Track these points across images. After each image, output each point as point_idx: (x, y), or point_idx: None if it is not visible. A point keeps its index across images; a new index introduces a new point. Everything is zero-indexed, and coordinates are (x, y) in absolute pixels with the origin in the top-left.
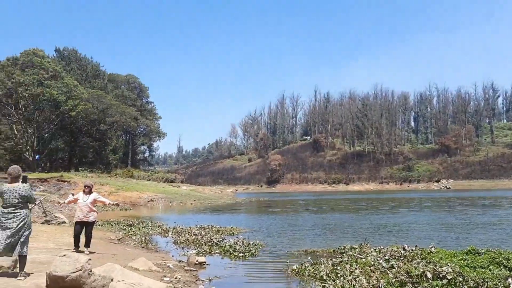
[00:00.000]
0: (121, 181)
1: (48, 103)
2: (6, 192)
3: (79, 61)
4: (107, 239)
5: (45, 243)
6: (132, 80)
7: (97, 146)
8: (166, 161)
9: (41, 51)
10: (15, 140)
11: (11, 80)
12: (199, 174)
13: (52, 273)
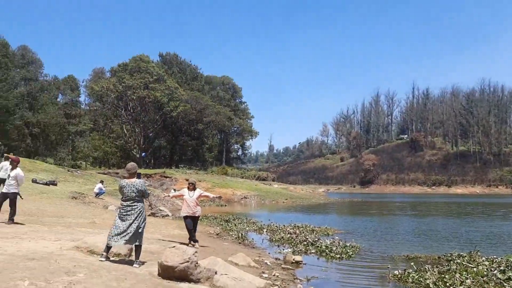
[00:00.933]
0: (216, 178)
1: (153, 104)
2: (125, 187)
3: (179, 64)
4: (206, 233)
5: (153, 234)
6: (226, 81)
7: (195, 144)
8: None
9: (147, 57)
10: (125, 138)
11: (122, 84)
12: (290, 173)
13: (163, 263)
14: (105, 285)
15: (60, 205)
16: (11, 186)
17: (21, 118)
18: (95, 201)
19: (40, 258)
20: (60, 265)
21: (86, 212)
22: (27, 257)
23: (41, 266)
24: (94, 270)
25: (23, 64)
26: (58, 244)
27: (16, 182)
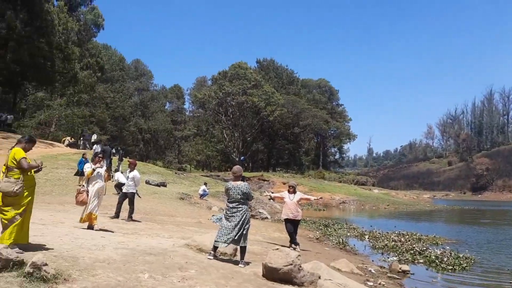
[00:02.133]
0: (313, 181)
1: (251, 109)
2: (231, 189)
3: (276, 70)
4: (306, 237)
5: (254, 235)
6: (323, 84)
7: (291, 148)
8: (356, 163)
9: (245, 64)
10: (225, 143)
11: (222, 91)
12: (391, 178)
13: (267, 264)
14: (214, 282)
15: (169, 205)
16: (129, 186)
17: (135, 125)
18: (200, 202)
19: (157, 253)
20: (174, 261)
21: (192, 212)
22: (145, 252)
23: (157, 260)
24: (204, 267)
25: (136, 76)
26: (171, 241)
27: (134, 183)
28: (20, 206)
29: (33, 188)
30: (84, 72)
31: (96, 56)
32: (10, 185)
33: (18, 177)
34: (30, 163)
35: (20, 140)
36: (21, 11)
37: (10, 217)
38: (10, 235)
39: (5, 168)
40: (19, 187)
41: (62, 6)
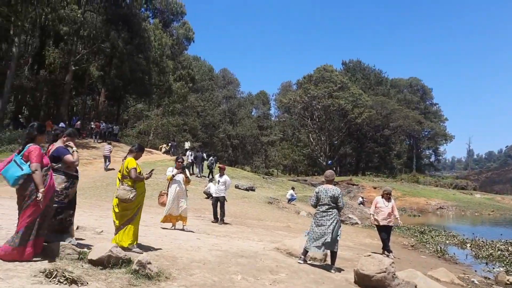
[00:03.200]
0: (406, 186)
1: (337, 112)
2: (321, 193)
3: (362, 70)
4: (399, 244)
5: (344, 241)
6: (414, 83)
7: (381, 151)
8: (454, 166)
9: (330, 66)
10: (311, 147)
11: (307, 95)
12: (496, 181)
13: (359, 271)
14: (305, 286)
15: (258, 209)
16: (221, 190)
17: (224, 131)
18: (288, 207)
19: (248, 256)
20: (265, 264)
21: (281, 217)
22: (238, 254)
23: (249, 263)
24: (294, 271)
25: (224, 85)
26: (261, 244)
27: (225, 187)
28: (132, 211)
29: (143, 194)
30: (177, 83)
31: (187, 68)
32: (126, 192)
33: (132, 185)
34: (137, 175)
35: (131, 150)
36: (122, 30)
37: (124, 221)
38: (129, 237)
39: (120, 175)
40: (134, 194)
41: (157, 23)
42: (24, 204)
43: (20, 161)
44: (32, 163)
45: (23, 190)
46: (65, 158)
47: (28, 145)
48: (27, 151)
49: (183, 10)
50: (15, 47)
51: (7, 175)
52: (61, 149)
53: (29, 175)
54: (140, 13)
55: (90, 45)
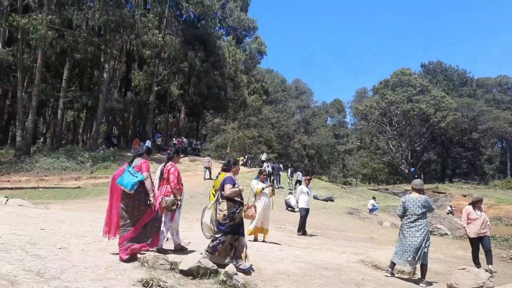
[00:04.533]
0: (501, 193)
1: (418, 117)
2: (408, 203)
3: (444, 72)
4: (496, 256)
5: (434, 253)
6: (504, 81)
7: (470, 156)
8: None
9: (408, 70)
10: (391, 154)
11: (385, 100)
12: None
13: (453, 285)
14: None
15: (339, 219)
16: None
17: (299, 141)
18: (370, 217)
19: (332, 268)
20: (350, 277)
21: (363, 227)
22: (321, 266)
23: (333, 275)
24: (381, 284)
25: (297, 95)
26: (344, 256)
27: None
28: None
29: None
30: (252, 96)
31: (261, 81)
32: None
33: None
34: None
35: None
36: (199, 50)
37: None
38: None
39: (214, 190)
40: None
41: (231, 40)
42: (136, 208)
43: (133, 171)
44: (144, 172)
45: (135, 194)
46: (225, 187)
47: (137, 159)
48: (139, 163)
49: (255, 25)
50: (105, 73)
51: (123, 183)
52: (229, 179)
53: (142, 182)
54: (214, 32)
55: (170, 66)
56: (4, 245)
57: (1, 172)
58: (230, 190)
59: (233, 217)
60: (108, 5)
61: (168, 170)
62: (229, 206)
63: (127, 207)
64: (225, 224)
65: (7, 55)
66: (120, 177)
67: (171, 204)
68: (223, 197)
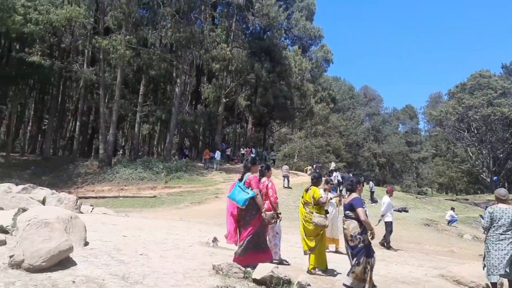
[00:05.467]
0: None
1: (500, 122)
2: (496, 213)
3: None
4: None
5: None
6: None
7: None
8: None
9: (487, 71)
10: (470, 162)
11: (462, 105)
12: None
13: None
14: None
15: (414, 231)
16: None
17: (368, 150)
18: (448, 229)
19: (409, 282)
20: None
21: (441, 240)
22: (397, 280)
23: None
24: None
25: (366, 102)
26: (422, 270)
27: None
28: (319, 236)
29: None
30: (319, 105)
31: (328, 89)
32: (323, 220)
33: (318, 211)
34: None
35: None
36: (265, 61)
37: (313, 246)
38: (312, 260)
39: (303, 201)
40: (328, 221)
41: (296, 49)
42: (246, 222)
43: (244, 187)
44: (254, 189)
45: (246, 210)
46: (358, 211)
47: (246, 174)
48: (248, 179)
49: (321, 33)
50: (177, 87)
51: (235, 198)
52: (358, 200)
53: (253, 198)
54: (280, 43)
55: (238, 78)
56: (93, 250)
57: (86, 182)
58: (364, 216)
59: (361, 238)
60: (179, 23)
61: (266, 186)
62: (353, 226)
63: (239, 217)
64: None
65: (91, 74)
66: (231, 192)
67: (270, 217)
68: (348, 216)
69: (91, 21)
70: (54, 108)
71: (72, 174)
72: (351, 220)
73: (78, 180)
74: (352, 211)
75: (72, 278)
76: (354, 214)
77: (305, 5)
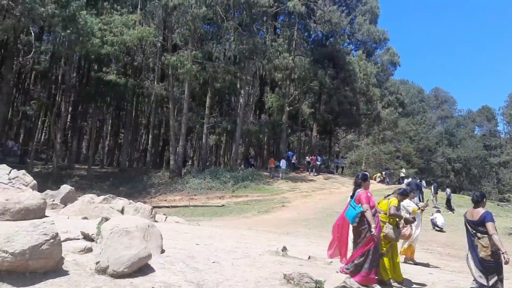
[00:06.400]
0: None
1: None
2: None
3: None
4: None
5: None
6: None
7: None
8: None
9: None
10: None
11: None
12: None
13: None
14: None
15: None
16: None
17: (442, 155)
18: None
19: None
20: None
21: None
22: None
23: None
24: None
25: (437, 105)
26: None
27: None
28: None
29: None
30: (386, 110)
31: (395, 93)
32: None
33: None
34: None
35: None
36: (328, 67)
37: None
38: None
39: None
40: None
41: (360, 54)
42: (360, 239)
43: (354, 204)
44: (363, 205)
45: (358, 226)
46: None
47: (357, 190)
48: (357, 196)
49: (386, 36)
50: (241, 98)
51: (347, 216)
52: (490, 215)
53: (362, 213)
54: (343, 48)
55: (301, 86)
56: (169, 257)
57: (159, 192)
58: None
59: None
60: (242, 36)
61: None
62: (492, 243)
63: (354, 235)
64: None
65: (161, 90)
66: (346, 211)
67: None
68: (482, 232)
69: (160, 40)
70: (128, 123)
71: (146, 185)
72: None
73: (151, 190)
74: (483, 226)
75: (151, 284)
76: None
77: (368, 8)
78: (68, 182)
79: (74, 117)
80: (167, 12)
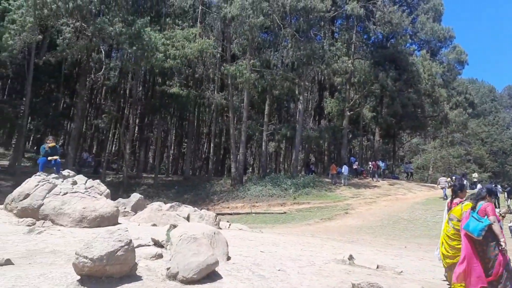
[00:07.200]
0: None
1: None
2: None
3: None
4: None
5: None
6: None
7: None
8: None
9: None
10: None
11: None
12: None
13: None
14: None
15: None
16: None
17: None
18: None
19: None
20: None
21: None
22: None
23: None
24: None
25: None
26: None
27: None
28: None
29: None
30: (454, 111)
31: (464, 93)
32: None
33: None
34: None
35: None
36: (390, 70)
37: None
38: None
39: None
40: None
41: (424, 54)
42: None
43: (478, 217)
44: (490, 216)
45: (483, 240)
46: None
47: (480, 203)
48: (483, 207)
49: (451, 34)
50: (300, 104)
51: (469, 229)
52: None
53: (489, 226)
54: (405, 49)
55: (361, 89)
56: (235, 264)
57: (221, 199)
58: None
59: None
60: (299, 42)
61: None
62: None
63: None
64: None
65: (221, 99)
66: (466, 223)
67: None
68: None
69: (219, 51)
70: (191, 132)
71: (209, 192)
72: None
73: (214, 197)
74: None
75: None
76: None
77: (431, 6)
78: (137, 190)
79: (141, 129)
80: (225, 24)
